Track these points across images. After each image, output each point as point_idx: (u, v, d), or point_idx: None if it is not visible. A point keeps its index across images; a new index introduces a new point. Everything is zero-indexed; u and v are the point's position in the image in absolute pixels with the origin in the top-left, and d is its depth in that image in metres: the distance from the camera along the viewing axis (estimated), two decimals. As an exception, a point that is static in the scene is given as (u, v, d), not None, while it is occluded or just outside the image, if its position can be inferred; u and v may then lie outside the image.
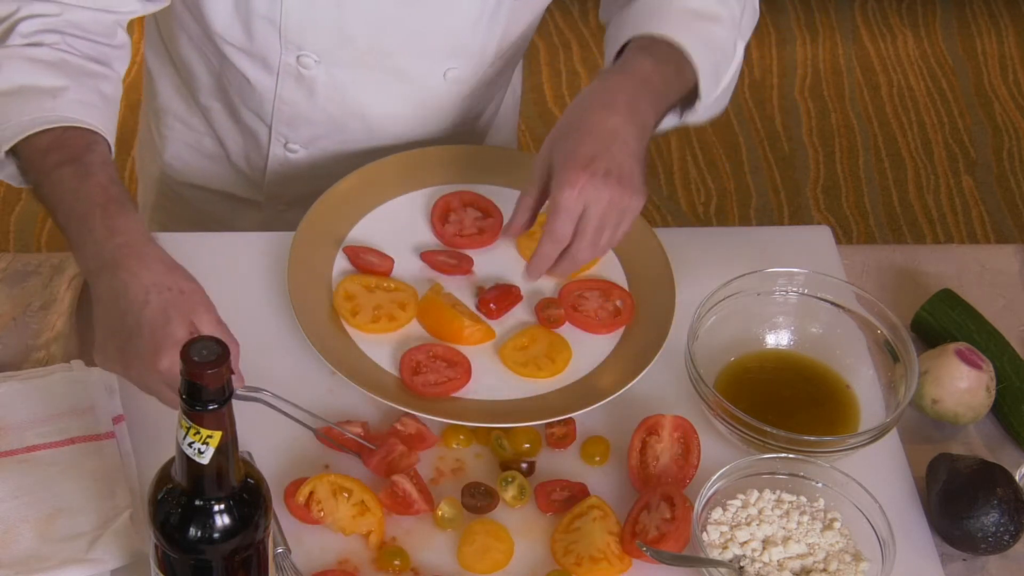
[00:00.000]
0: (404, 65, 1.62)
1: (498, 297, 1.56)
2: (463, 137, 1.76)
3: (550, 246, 1.43)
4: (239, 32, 1.58)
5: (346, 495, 1.38)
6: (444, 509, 1.39)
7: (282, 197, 1.77)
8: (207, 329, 1.30)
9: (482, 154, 1.71)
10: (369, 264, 1.58)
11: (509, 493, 1.40)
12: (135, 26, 1.68)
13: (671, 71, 1.49)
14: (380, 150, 1.70)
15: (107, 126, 1.44)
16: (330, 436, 1.43)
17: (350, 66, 1.61)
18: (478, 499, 1.40)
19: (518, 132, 1.97)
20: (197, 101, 1.73)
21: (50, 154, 1.38)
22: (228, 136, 1.75)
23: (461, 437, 1.46)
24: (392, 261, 1.59)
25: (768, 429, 1.41)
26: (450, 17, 1.57)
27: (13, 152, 1.41)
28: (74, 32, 1.46)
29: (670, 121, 1.56)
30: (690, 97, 1.53)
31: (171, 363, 1.28)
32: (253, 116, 1.70)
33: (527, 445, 1.45)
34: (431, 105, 1.68)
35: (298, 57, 1.59)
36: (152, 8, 1.53)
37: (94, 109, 1.43)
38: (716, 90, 1.55)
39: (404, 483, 1.39)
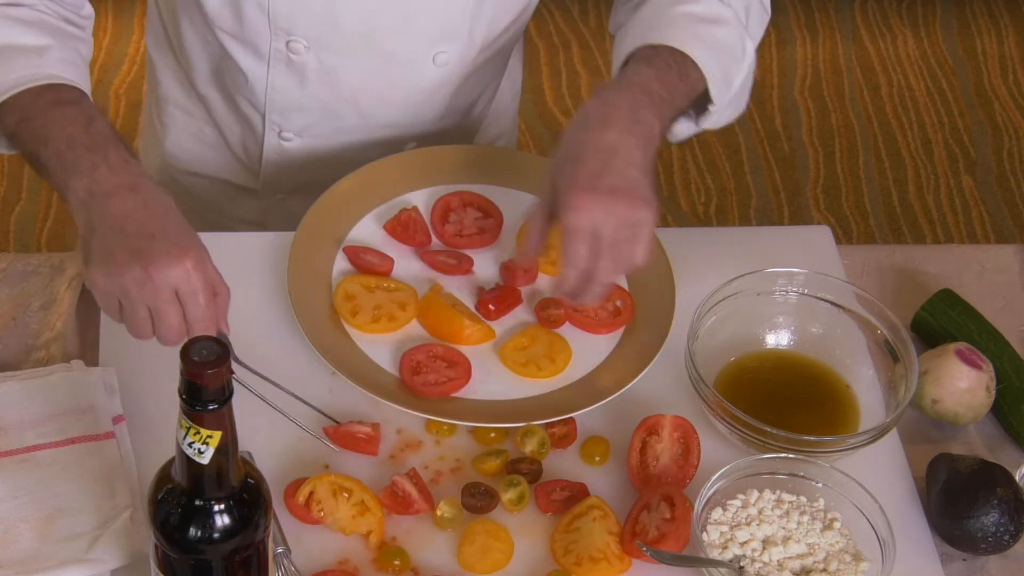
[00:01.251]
0: (394, 49, 1.62)
1: (497, 298, 1.56)
2: (458, 127, 1.76)
3: (571, 272, 1.39)
4: (229, 17, 1.59)
5: (346, 495, 1.38)
6: (444, 509, 1.39)
7: (279, 186, 1.78)
8: (211, 264, 1.33)
9: (482, 154, 1.71)
10: (369, 264, 1.58)
11: (508, 495, 1.40)
12: (136, 24, 1.68)
13: (674, 77, 1.47)
14: (374, 139, 1.70)
15: (88, 86, 1.46)
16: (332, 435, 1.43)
17: (340, 51, 1.61)
18: (478, 499, 1.40)
19: (518, 132, 1.97)
20: (196, 89, 1.74)
21: (45, 94, 1.39)
22: (226, 125, 1.75)
23: (444, 428, 1.46)
24: (392, 261, 1.59)
25: (768, 429, 1.41)
26: (437, 1, 1.58)
27: None
28: None
29: (687, 128, 1.55)
30: (703, 102, 1.52)
31: (196, 261, 1.30)
32: (248, 105, 1.70)
33: (541, 448, 1.45)
34: (422, 90, 1.68)
35: (287, 43, 1.60)
36: None
37: (76, 68, 1.45)
38: (728, 93, 1.53)
39: (404, 483, 1.39)
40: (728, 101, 1.54)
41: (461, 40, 1.63)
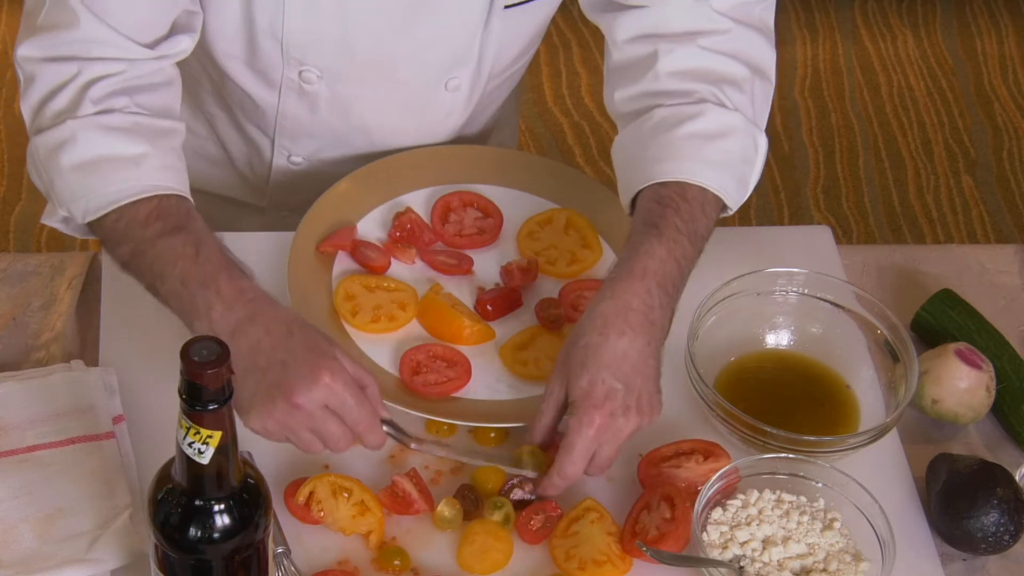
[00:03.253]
0: (406, 77, 1.61)
1: (495, 299, 1.56)
2: (464, 142, 1.76)
3: (560, 480, 1.37)
4: (241, 48, 1.57)
5: (346, 495, 1.38)
6: (444, 509, 1.39)
7: (285, 204, 1.77)
8: (347, 362, 1.32)
9: (482, 154, 1.71)
10: (368, 259, 1.58)
11: (494, 517, 1.39)
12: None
13: (684, 245, 1.43)
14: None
15: (187, 186, 1.43)
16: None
17: (352, 80, 1.60)
18: (467, 504, 1.40)
19: (518, 133, 1.97)
20: (201, 109, 1.73)
21: (151, 224, 1.36)
22: (232, 144, 1.74)
23: (444, 428, 1.46)
24: (390, 258, 1.59)
25: (768, 429, 1.41)
26: (451, 26, 1.57)
27: (92, 223, 1.40)
28: (139, 86, 1.43)
29: None
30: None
31: (332, 373, 1.30)
32: (255, 129, 1.69)
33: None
34: (433, 116, 1.67)
35: (300, 72, 1.59)
36: (195, 41, 1.50)
37: (175, 172, 1.42)
38: (745, 196, 1.51)
39: (404, 483, 1.39)
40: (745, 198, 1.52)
41: (472, 66, 1.62)
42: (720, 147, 1.47)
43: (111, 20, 1.40)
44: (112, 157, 1.39)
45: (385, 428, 1.36)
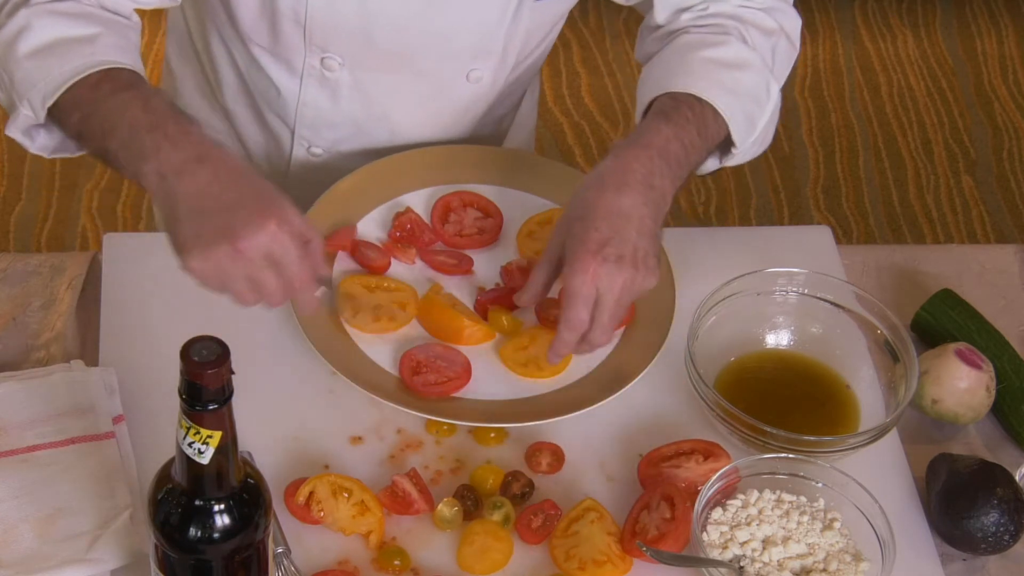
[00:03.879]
0: (428, 67, 1.61)
1: (494, 301, 1.56)
2: (484, 140, 1.76)
3: (567, 333, 1.41)
4: (265, 33, 1.58)
5: (346, 495, 1.38)
6: (444, 509, 1.39)
7: (302, 199, 1.77)
8: (295, 214, 1.32)
9: (482, 154, 1.71)
10: (368, 259, 1.58)
11: (494, 517, 1.39)
12: (156, 33, 1.67)
13: (692, 133, 1.47)
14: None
15: (142, 69, 1.44)
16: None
17: (374, 69, 1.61)
18: (467, 504, 1.40)
19: (535, 138, 1.97)
20: (220, 102, 1.73)
21: (102, 85, 1.37)
22: (250, 138, 1.74)
23: (444, 428, 1.46)
24: (390, 258, 1.59)
25: (768, 429, 1.41)
26: (474, 18, 1.57)
27: (51, 110, 1.40)
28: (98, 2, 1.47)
29: (711, 164, 1.56)
30: (726, 144, 1.53)
31: (279, 221, 1.29)
32: (276, 119, 1.69)
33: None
34: (454, 107, 1.68)
35: (322, 59, 1.59)
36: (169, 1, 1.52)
37: (129, 53, 1.43)
38: (751, 136, 1.53)
39: (404, 483, 1.39)
40: (752, 142, 1.54)
41: (495, 57, 1.63)
42: (734, 76, 1.52)
43: None
44: (67, 39, 1.40)
45: (319, 293, 1.37)
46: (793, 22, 1.63)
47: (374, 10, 1.54)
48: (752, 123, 1.53)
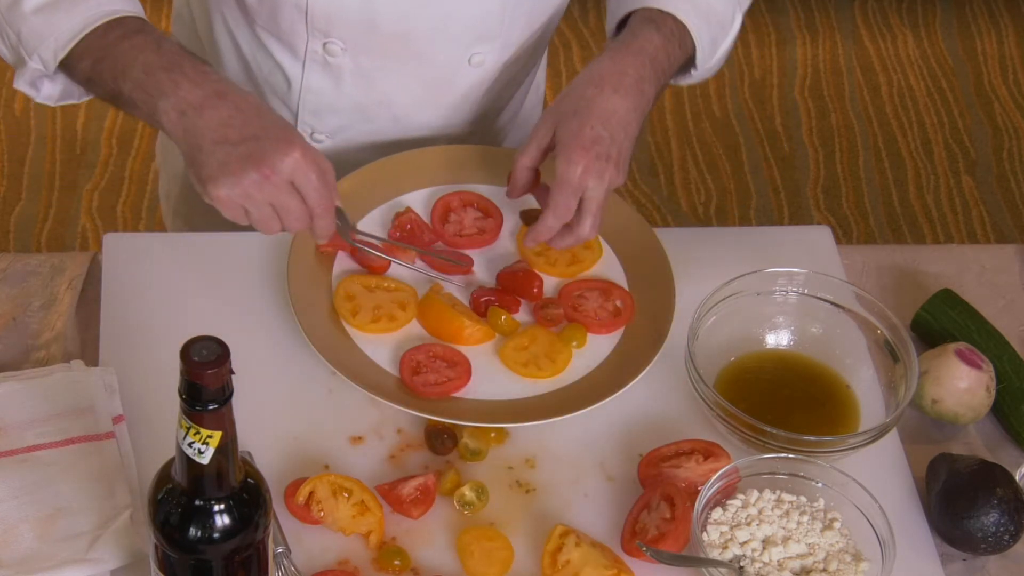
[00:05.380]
0: (430, 51, 1.62)
1: (490, 301, 1.56)
2: (486, 132, 1.77)
3: (553, 220, 1.48)
4: (267, 17, 1.60)
5: (346, 495, 1.38)
6: (465, 492, 1.40)
7: None
8: (310, 144, 1.38)
9: (482, 154, 1.71)
10: (368, 259, 1.57)
11: (468, 496, 1.40)
12: (160, 21, 1.67)
13: (675, 47, 1.54)
14: (406, 140, 1.70)
15: (144, 16, 1.46)
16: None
17: (376, 53, 1.61)
18: (441, 444, 1.43)
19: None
20: None
21: (111, 32, 1.41)
22: None
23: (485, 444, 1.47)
24: (390, 258, 1.59)
25: (768, 429, 1.41)
26: (475, 2, 1.58)
27: (63, 64, 1.43)
28: None
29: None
30: (684, 64, 1.59)
31: (302, 152, 1.36)
32: (280, 105, 1.70)
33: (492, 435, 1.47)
34: (456, 92, 1.68)
35: (324, 44, 1.60)
36: None
37: (134, 3, 1.46)
38: (711, 61, 1.60)
39: (404, 483, 1.39)
40: (708, 69, 1.61)
41: (497, 41, 1.63)
42: (707, 1, 1.57)
43: None
44: None
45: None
46: None
47: None
48: (715, 49, 1.60)
